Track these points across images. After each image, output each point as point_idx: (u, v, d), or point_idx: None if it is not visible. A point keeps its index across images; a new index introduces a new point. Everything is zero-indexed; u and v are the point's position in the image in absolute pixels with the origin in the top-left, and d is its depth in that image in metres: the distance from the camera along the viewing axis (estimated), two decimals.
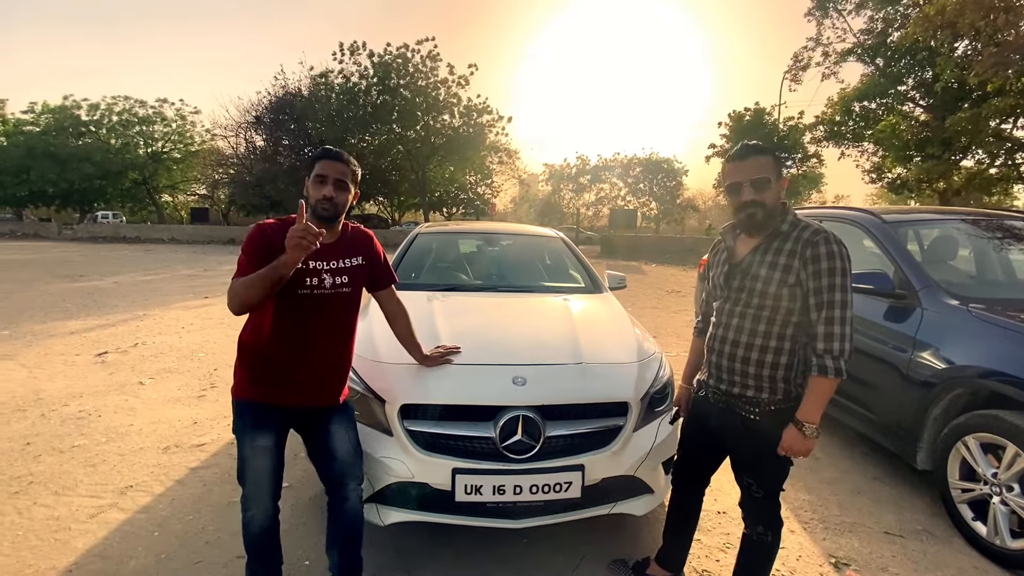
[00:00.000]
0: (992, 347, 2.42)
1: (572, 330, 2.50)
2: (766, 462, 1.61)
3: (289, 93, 27.91)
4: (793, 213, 1.62)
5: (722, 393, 1.70)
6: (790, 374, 1.59)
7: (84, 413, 3.71)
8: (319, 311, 1.71)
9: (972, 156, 16.42)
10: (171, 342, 5.80)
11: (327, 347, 1.76)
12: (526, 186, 40.62)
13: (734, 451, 1.73)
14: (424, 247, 3.87)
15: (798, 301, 1.54)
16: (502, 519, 2.00)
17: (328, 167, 1.70)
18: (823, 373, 1.49)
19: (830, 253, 1.50)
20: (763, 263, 1.59)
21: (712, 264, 1.82)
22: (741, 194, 1.60)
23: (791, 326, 1.57)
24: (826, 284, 1.49)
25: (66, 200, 34.67)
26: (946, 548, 2.40)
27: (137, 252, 18.98)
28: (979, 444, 2.39)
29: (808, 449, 1.54)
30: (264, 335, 1.68)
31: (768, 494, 1.68)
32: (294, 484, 2.74)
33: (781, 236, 1.59)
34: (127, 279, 11.20)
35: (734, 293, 1.66)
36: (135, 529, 2.39)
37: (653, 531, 2.41)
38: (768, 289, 1.56)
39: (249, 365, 1.69)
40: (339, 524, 1.82)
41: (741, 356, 1.62)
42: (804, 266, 1.52)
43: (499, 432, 1.94)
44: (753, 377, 1.61)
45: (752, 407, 1.62)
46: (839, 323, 1.48)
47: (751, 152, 1.59)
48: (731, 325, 1.66)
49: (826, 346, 1.49)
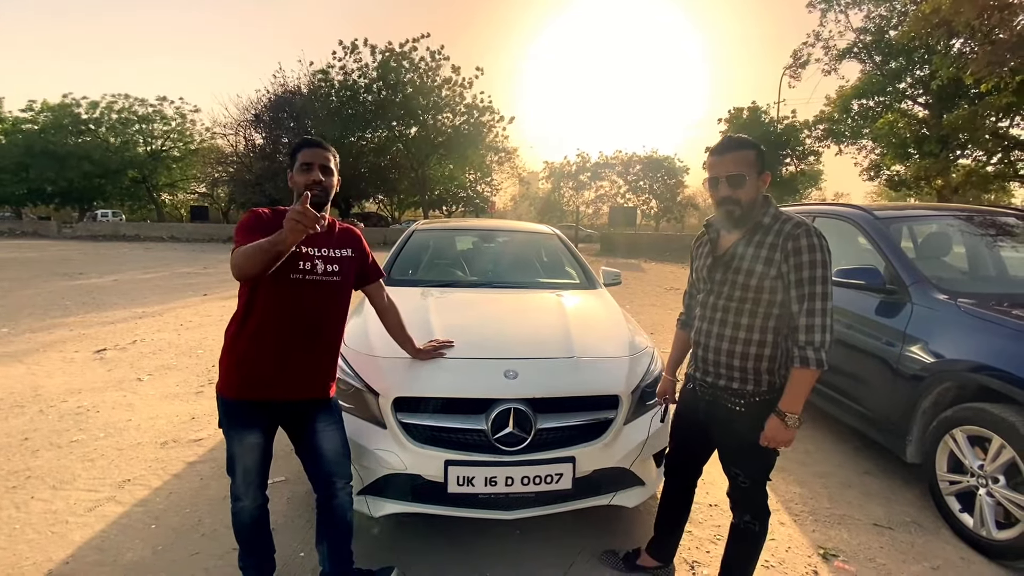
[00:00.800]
0: (980, 341, 2.45)
1: (565, 325, 2.53)
2: (752, 452, 1.64)
3: (288, 91, 27.93)
4: (775, 206, 1.64)
5: (708, 385, 1.72)
6: (774, 365, 1.62)
7: (82, 409, 3.74)
8: (310, 297, 1.72)
9: (970, 154, 16.45)
10: (169, 339, 5.82)
11: (316, 336, 1.76)
12: (526, 184, 40.61)
13: (720, 442, 1.76)
14: (420, 244, 3.89)
15: (779, 293, 1.56)
16: (494, 510, 2.03)
17: (311, 154, 1.74)
18: (805, 364, 1.51)
19: (811, 246, 1.51)
20: (745, 256, 1.60)
21: (695, 256, 1.84)
22: (718, 189, 1.62)
23: (774, 318, 1.59)
24: (807, 276, 1.51)
25: (65, 198, 34.64)
26: (933, 539, 2.43)
27: (136, 250, 19.00)
28: (966, 437, 2.41)
29: (789, 439, 1.56)
30: (253, 322, 1.68)
31: (755, 483, 1.70)
32: (290, 478, 2.76)
33: (763, 229, 1.60)
34: (126, 277, 11.22)
35: (717, 286, 1.67)
36: (132, 522, 2.42)
37: (645, 523, 2.44)
38: (750, 282, 1.58)
39: (236, 357, 1.69)
40: (328, 521, 1.83)
41: (726, 349, 1.64)
42: (786, 259, 1.53)
43: (491, 424, 1.97)
44: (738, 369, 1.63)
45: (737, 399, 1.65)
46: (820, 315, 1.50)
47: (731, 147, 1.60)
48: (715, 318, 1.68)
49: (808, 338, 1.50)
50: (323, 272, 1.74)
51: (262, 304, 1.68)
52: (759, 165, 1.59)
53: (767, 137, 23.95)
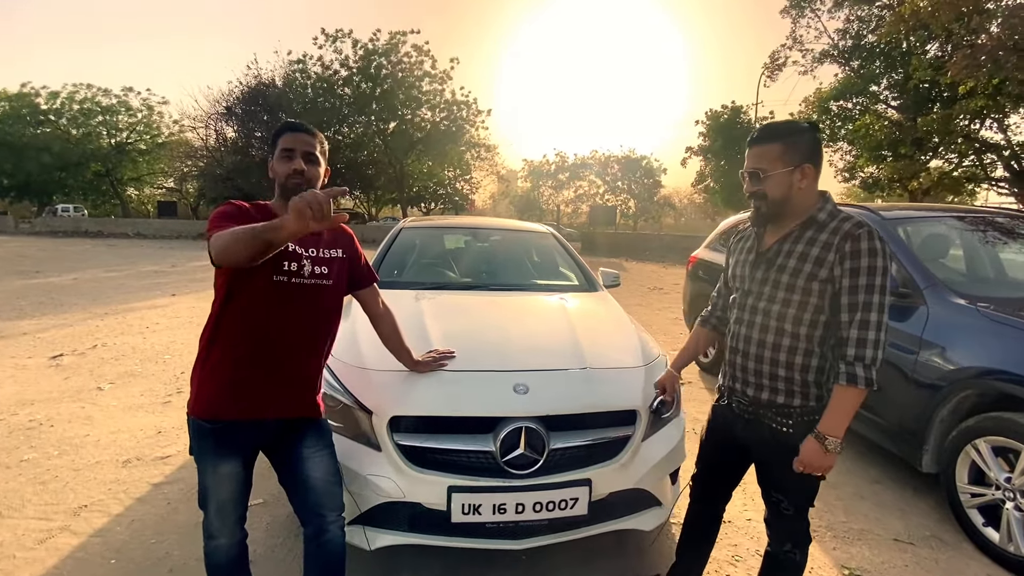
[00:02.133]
0: (1003, 348, 2.35)
1: (572, 331, 2.34)
2: (799, 478, 1.46)
3: (263, 83, 27.08)
4: (832, 202, 1.46)
5: (749, 400, 1.54)
6: (822, 378, 1.44)
7: (35, 423, 3.39)
8: (295, 304, 1.48)
9: (943, 156, 16.89)
10: (134, 343, 5.44)
11: (303, 347, 1.53)
12: (505, 182, 40.34)
13: (762, 465, 1.59)
14: (408, 243, 3.65)
15: (827, 298, 1.40)
16: (503, 540, 1.83)
17: (294, 139, 1.50)
18: (852, 383, 1.34)
19: (872, 250, 1.34)
20: (793, 253, 1.44)
21: (732, 251, 1.68)
22: (744, 184, 1.50)
23: (820, 326, 1.42)
24: (864, 284, 1.34)
25: (22, 192, 33.03)
26: (958, 555, 2.33)
27: (99, 247, 18.14)
28: (990, 448, 2.31)
29: (829, 466, 1.39)
30: (230, 331, 1.44)
31: (798, 511, 1.54)
32: (269, 500, 2.51)
33: (817, 225, 1.43)
34: (87, 276, 10.62)
35: (758, 285, 1.51)
36: (89, 556, 2.14)
37: (661, 546, 2.28)
38: (796, 282, 1.42)
39: (210, 372, 1.45)
40: (317, 558, 1.59)
41: (768, 357, 1.47)
42: (840, 261, 1.36)
43: (499, 445, 1.77)
44: (784, 380, 1.46)
45: (784, 417, 1.47)
46: (875, 328, 1.33)
47: (757, 139, 1.46)
48: (755, 322, 1.50)
49: (857, 352, 1.33)
50: (311, 275, 1.51)
51: (241, 309, 1.43)
52: (790, 157, 1.40)
53: (742, 139, 24.21)
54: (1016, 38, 9.06)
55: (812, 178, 1.43)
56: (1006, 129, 14.62)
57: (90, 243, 20.12)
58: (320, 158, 1.54)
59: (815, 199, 1.45)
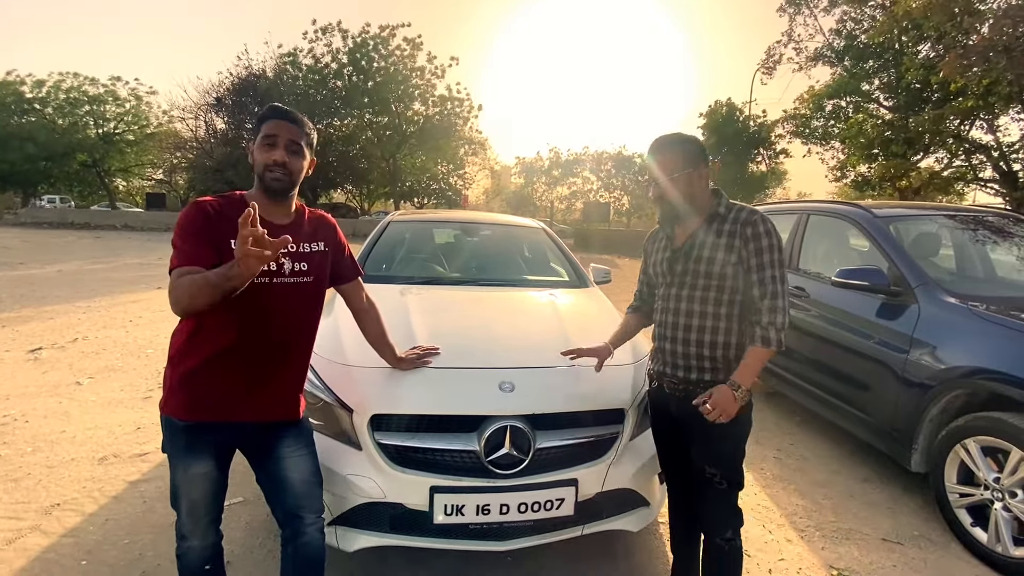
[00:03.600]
0: (995, 347, 2.33)
1: (561, 328, 2.29)
2: (724, 443, 1.60)
3: (253, 74, 26.74)
4: (726, 196, 1.67)
5: (680, 380, 1.66)
6: (740, 352, 1.60)
7: (9, 419, 3.30)
8: (276, 305, 1.42)
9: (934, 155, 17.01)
10: (116, 337, 5.33)
11: (283, 348, 1.48)
12: (498, 178, 40.17)
13: (695, 442, 1.66)
14: (396, 236, 3.58)
15: (740, 279, 1.58)
16: (486, 541, 1.78)
17: (278, 127, 1.41)
18: (766, 345, 1.52)
19: (767, 231, 1.56)
20: (705, 244, 1.62)
21: (650, 252, 1.85)
22: (649, 191, 1.71)
23: (737, 305, 1.60)
24: (768, 260, 1.55)
25: (6, 182, 32.36)
26: (946, 555, 2.32)
27: (85, 239, 17.82)
28: (979, 448, 2.30)
29: (733, 412, 1.51)
30: (206, 332, 1.38)
31: (731, 485, 1.63)
32: (249, 499, 2.45)
33: (719, 218, 1.63)
34: (72, 267, 10.43)
35: (679, 277, 1.67)
36: (59, 557, 2.07)
37: (649, 547, 2.24)
38: (713, 269, 1.60)
39: (184, 372, 1.39)
40: (294, 562, 1.54)
41: (695, 340, 1.62)
42: (745, 244, 1.56)
43: (483, 445, 1.72)
44: (708, 359, 1.61)
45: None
46: (781, 296, 1.54)
47: (659, 149, 1.64)
48: (679, 310, 1.65)
49: (771, 318, 1.53)
50: (291, 272, 1.45)
51: (218, 310, 1.37)
52: (687, 161, 1.60)
53: (741, 135, 24.25)
54: (1006, 39, 9.11)
55: (707, 178, 1.65)
56: (996, 130, 14.74)
57: (76, 235, 19.77)
58: (305, 149, 1.47)
59: (710, 196, 1.65)
